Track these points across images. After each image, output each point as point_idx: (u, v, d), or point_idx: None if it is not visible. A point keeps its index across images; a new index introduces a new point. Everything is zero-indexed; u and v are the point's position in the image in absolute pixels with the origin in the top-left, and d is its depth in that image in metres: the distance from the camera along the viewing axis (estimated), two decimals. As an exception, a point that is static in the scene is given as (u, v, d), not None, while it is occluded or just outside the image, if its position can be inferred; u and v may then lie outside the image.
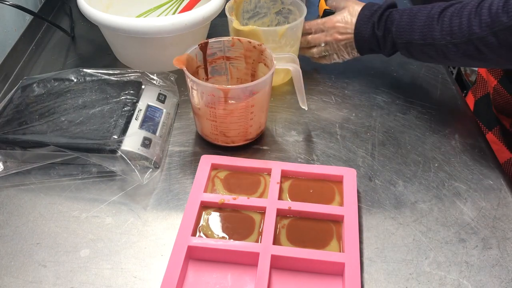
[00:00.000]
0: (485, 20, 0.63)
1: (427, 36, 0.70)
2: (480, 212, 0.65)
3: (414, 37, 0.72)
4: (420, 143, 0.76)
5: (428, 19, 0.70)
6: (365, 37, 0.78)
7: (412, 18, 0.72)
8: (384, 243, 0.61)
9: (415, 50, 0.73)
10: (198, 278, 0.57)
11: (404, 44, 0.73)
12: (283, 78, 0.88)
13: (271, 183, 0.66)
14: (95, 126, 0.69)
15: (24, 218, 0.64)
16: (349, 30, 0.79)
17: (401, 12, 0.74)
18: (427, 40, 0.70)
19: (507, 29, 0.61)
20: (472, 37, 0.65)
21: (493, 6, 0.63)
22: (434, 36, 0.69)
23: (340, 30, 0.80)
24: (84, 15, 0.82)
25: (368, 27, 0.77)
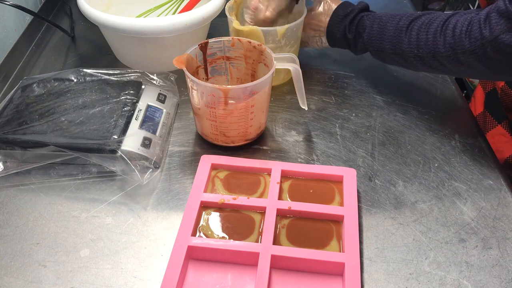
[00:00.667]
0: (448, 41, 0.67)
1: (396, 46, 0.73)
2: (480, 212, 0.65)
3: (384, 46, 0.75)
4: (420, 143, 0.76)
5: (397, 30, 0.73)
6: (336, 37, 0.81)
7: (382, 28, 0.75)
8: (384, 243, 0.61)
9: (386, 57, 0.77)
10: (198, 278, 0.57)
11: (376, 51, 0.77)
12: (283, 78, 0.88)
13: (271, 183, 0.66)
14: (95, 126, 0.69)
15: (24, 218, 0.64)
16: (322, 28, 0.82)
17: (372, 20, 0.76)
18: (397, 50, 0.73)
19: (468, 52, 0.64)
20: (437, 54, 0.68)
21: (457, 27, 0.66)
22: (402, 47, 0.72)
23: (313, 27, 0.84)
24: (84, 15, 0.82)
25: (340, 29, 0.80)
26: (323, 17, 0.82)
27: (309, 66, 0.92)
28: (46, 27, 1.03)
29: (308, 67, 0.92)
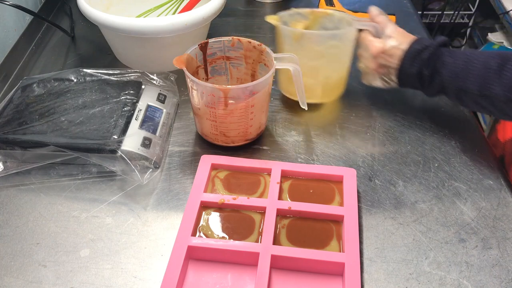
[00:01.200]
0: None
1: (484, 87, 0.64)
2: (480, 212, 0.65)
3: (468, 86, 0.65)
4: (420, 143, 0.76)
5: (486, 69, 0.64)
6: (410, 73, 0.71)
7: (467, 64, 0.66)
8: (384, 243, 0.61)
9: (468, 99, 0.67)
10: (198, 278, 0.57)
11: (456, 91, 0.67)
12: (336, 93, 0.83)
13: (271, 183, 0.66)
14: (95, 126, 0.69)
15: (24, 218, 0.64)
16: (393, 64, 0.72)
17: (455, 55, 0.68)
18: (484, 91, 0.64)
19: None
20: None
21: None
22: (492, 89, 0.63)
23: (381, 62, 0.73)
24: (84, 15, 0.82)
25: (415, 64, 0.70)
26: (395, 51, 0.71)
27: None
28: (46, 27, 1.03)
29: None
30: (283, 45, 0.77)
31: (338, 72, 0.80)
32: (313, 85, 0.79)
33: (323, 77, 0.79)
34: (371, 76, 0.76)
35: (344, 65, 0.80)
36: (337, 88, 0.83)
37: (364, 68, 0.77)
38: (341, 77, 0.81)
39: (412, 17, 1.10)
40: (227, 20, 1.07)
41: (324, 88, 0.80)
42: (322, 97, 0.82)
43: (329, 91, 0.82)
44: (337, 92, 0.83)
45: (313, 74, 0.78)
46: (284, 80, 0.82)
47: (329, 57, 0.77)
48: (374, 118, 0.81)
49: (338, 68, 0.80)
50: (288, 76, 0.76)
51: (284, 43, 0.77)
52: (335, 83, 0.81)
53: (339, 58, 0.79)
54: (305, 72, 0.74)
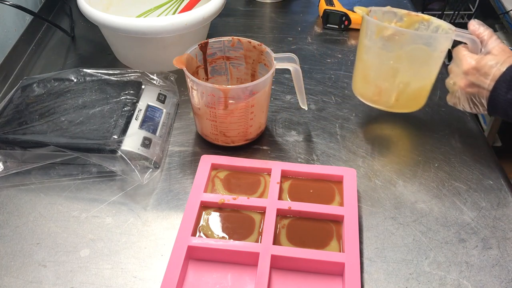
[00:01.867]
0: None
1: None
2: (480, 212, 0.65)
3: None
4: (420, 143, 0.76)
5: None
6: (505, 98, 0.61)
7: None
8: (384, 243, 0.61)
9: None
10: (198, 278, 0.57)
11: None
12: (412, 105, 0.76)
13: (271, 183, 0.66)
14: (95, 126, 0.69)
15: (24, 218, 0.64)
16: (485, 84, 0.63)
17: None
18: None
19: None
20: None
21: None
22: None
23: (472, 80, 0.64)
24: (84, 15, 0.82)
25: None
26: (491, 70, 0.62)
27: (309, 66, 0.92)
28: (46, 27, 1.03)
29: (308, 67, 0.92)
30: (364, 40, 0.72)
31: (420, 81, 0.72)
32: (387, 89, 0.73)
33: (400, 83, 0.72)
34: (458, 95, 0.68)
35: (429, 75, 0.72)
36: (415, 99, 0.75)
37: (452, 86, 0.69)
38: (422, 88, 0.74)
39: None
40: (227, 20, 1.07)
41: (399, 95, 0.73)
42: (394, 106, 0.75)
43: (405, 100, 0.74)
44: (415, 104, 0.76)
45: (389, 77, 0.72)
46: (359, 78, 0.77)
47: (412, 61, 0.70)
48: (374, 118, 0.80)
49: (421, 77, 0.72)
50: (364, 75, 0.72)
51: (365, 37, 0.72)
52: (414, 93, 0.73)
53: (424, 65, 0.71)
54: (381, 73, 0.70)
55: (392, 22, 0.75)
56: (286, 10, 1.13)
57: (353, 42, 1.01)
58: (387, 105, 0.75)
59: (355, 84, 0.79)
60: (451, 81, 0.69)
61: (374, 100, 0.76)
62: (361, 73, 0.76)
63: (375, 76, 0.74)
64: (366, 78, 0.75)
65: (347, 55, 0.96)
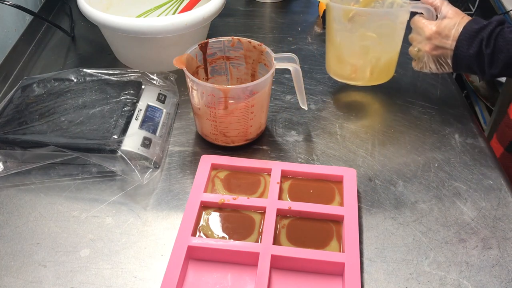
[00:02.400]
0: None
1: None
2: (480, 212, 0.65)
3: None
4: (420, 143, 0.76)
5: None
6: (468, 54, 0.68)
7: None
8: (384, 243, 0.61)
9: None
10: (198, 278, 0.57)
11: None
12: (384, 76, 0.83)
13: (271, 183, 0.66)
14: (95, 126, 0.69)
15: (24, 218, 0.64)
16: (448, 45, 0.69)
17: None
18: None
19: None
20: None
21: None
22: None
23: (435, 43, 0.71)
24: (84, 15, 0.82)
25: (475, 44, 0.67)
26: (451, 31, 0.69)
27: (309, 66, 0.92)
28: (46, 27, 1.03)
29: (308, 67, 0.92)
30: (333, 25, 0.77)
31: (389, 53, 0.80)
32: (362, 66, 0.79)
33: (373, 58, 0.79)
34: (425, 59, 0.74)
35: (395, 47, 0.79)
36: (386, 71, 0.82)
37: (416, 53, 0.75)
38: (391, 59, 0.81)
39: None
40: (227, 20, 1.07)
41: (373, 69, 0.80)
42: (370, 80, 0.82)
43: (378, 73, 0.81)
44: (386, 75, 0.83)
45: (362, 54, 0.78)
46: (333, 60, 0.82)
47: (380, 37, 0.77)
48: (374, 118, 0.81)
49: (389, 49, 0.79)
50: (337, 56, 0.77)
51: (333, 22, 0.76)
52: (385, 65, 0.81)
53: (390, 39, 0.78)
54: (355, 52, 0.75)
55: (351, 4, 0.81)
56: (286, 10, 1.13)
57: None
58: (363, 81, 0.82)
59: (330, 66, 0.85)
60: (415, 49, 0.75)
61: (351, 78, 0.83)
62: (334, 55, 0.81)
63: (349, 55, 0.80)
64: (341, 59, 0.80)
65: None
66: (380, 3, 0.80)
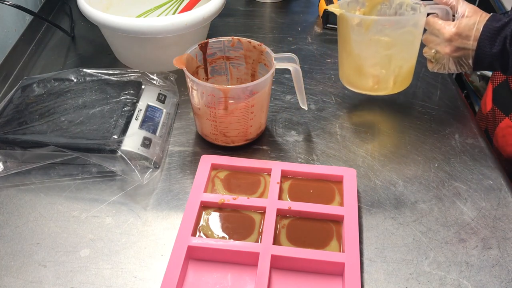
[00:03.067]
0: None
1: None
2: (480, 212, 0.65)
3: None
4: (420, 143, 0.76)
5: None
6: (491, 53, 0.67)
7: None
8: (384, 243, 0.61)
9: None
10: (198, 278, 0.57)
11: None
12: (392, 87, 0.79)
13: (271, 183, 0.66)
14: (95, 126, 0.69)
15: (24, 218, 0.64)
16: (469, 45, 0.68)
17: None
18: None
19: None
20: None
21: None
22: None
23: (456, 44, 0.69)
24: (84, 15, 0.82)
25: (497, 42, 0.65)
26: (472, 31, 0.67)
27: (309, 66, 0.92)
28: (46, 27, 1.03)
29: (308, 67, 0.92)
30: (350, 35, 0.74)
31: (410, 60, 0.77)
32: (385, 76, 0.76)
33: (396, 67, 0.76)
34: (444, 62, 0.72)
35: (415, 52, 0.77)
36: (408, 77, 0.79)
37: (434, 55, 0.73)
38: (412, 65, 0.78)
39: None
40: (227, 20, 1.07)
41: (396, 78, 0.77)
42: (393, 88, 0.79)
43: (400, 81, 0.79)
44: (407, 82, 0.80)
45: (385, 64, 0.75)
46: (351, 72, 0.79)
47: (403, 44, 0.74)
48: (374, 118, 0.80)
49: (411, 56, 0.77)
50: (357, 67, 0.75)
51: (350, 33, 0.73)
52: (407, 73, 0.78)
53: (412, 46, 0.75)
54: (377, 62, 0.73)
55: (356, 10, 0.78)
56: (286, 10, 1.13)
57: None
58: (386, 91, 0.79)
59: (347, 79, 0.81)
60: (432, 51, 0.73)
61: (374, 89, 0.79)
62: (352, 67, 0.78)
63: (371, 66, 0.76)
64: (361, 71, 0.77)
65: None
66: (388, 5, 0.77)
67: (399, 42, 0.73)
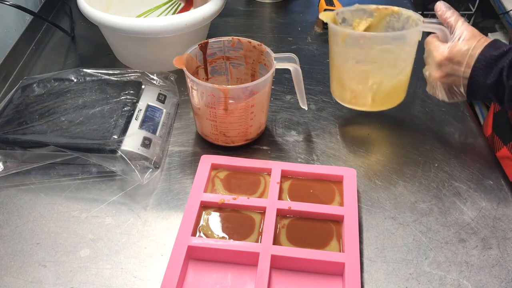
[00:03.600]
0: None
1: None
2: (480, 212, 0.65)
3: None
4: (420, 143, 0.76)
5: None
6: (485, 84, 0.60)
7: None
8: (384, 243, 0.61)
9: None
10: (198, 278, 0.57)
11: None
12: (390, 101, 0.75)
13: (271, 183, 0.66)
14: (95, 126, 0.69)
15: (24, 218, 0.64)
16: (460, 72, 0.62)
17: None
18: None
19: None
20: None
21: None
22: None
23: (446, 70, 0.63)
24: (84, 15, 0.82)
25: (493, 73, 0.59)
26: (465, 57, 0.61)
27: (309, 66, 0.92)
28: (46, 27, 1.03)
29: (308, 67, 0.92)
30: (331, 45, 0.72)
31: (393, 78, 0.71)
32: (362, 91, 0.72)
33: (374, 84, 0.71)
34: (434, 86, 0.67)
35: (402, 72, 0.71)
36: (392, 96, 0.74)
37: (428, 77, 0.68)
38: (397, 85, 0.73)
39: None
40: (227, 20, 1.07)
41: (374, 95, 0.73)
42: (372, 105, 0.74)
43: (382, 99, 0.73)
44: (393, 100, 0.75)
45: (361, 79, 0.71)
46: (334, 83, 0.76)
47: (382, 62, 0.69)
48: (374, 118, 0.80)
49: (393, 75, 0.71)
50: (338, 79, 0.72)
51: (332, 42, 0.72)
52: (389, 91, 0.73)
53: (394, 64, 0.70)
54: (353, 76, 0.70)
55: (363, 19, 0.75)
56: (286, 10, 1.13)
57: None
58: (364, 106, 0.75)
59: (333, 88, 0.79)
60: (427, 72, 0.68)
61: (352, 103, 0.76)
62: (335, 77, 0.76)
63: (348, 80, 0.73)
64: (341, 82, 0.75)
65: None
66: (396, 17, 0.73)
67: (378, 59, 0.68)
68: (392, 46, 0.68)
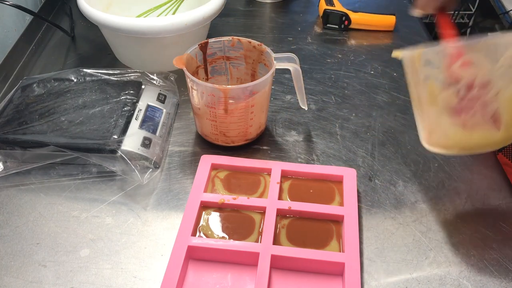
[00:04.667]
0: None
1: None
2: (480, 212, 0.65)
3: None
4: (420, 143, 0.75)
5: None
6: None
7: None
8: (384, 243, 0.61)
9: None
10: (198, 278, 0.57)
11: None
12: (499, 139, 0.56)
13: (271, 183, 0.66)
14: (95, 126, 0.69)
15: (24, 218, 0.64)
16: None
17: None
18: None
19: None
20: None
21: None
22: None
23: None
24: (84, 15, 0.82)
25: None
26: None
27: (309, 66, 0.92)
28: (46, 27, 1.03)
29: (308, 67, 0.92)
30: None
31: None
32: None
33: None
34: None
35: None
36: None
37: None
38: None
39: (412, 17, 1.09)
40: (227, 20, 1.07)
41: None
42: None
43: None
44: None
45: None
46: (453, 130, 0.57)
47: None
48: (374, 118, 0.80)
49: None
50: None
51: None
52: None
53: None
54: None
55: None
56: (286, 10, 1.13)
57: (353, 42, 1.01)
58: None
59: (446, 140, 0.59)
60: None
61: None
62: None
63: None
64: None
65: (347, 55, 0.96)
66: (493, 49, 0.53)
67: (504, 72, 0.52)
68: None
